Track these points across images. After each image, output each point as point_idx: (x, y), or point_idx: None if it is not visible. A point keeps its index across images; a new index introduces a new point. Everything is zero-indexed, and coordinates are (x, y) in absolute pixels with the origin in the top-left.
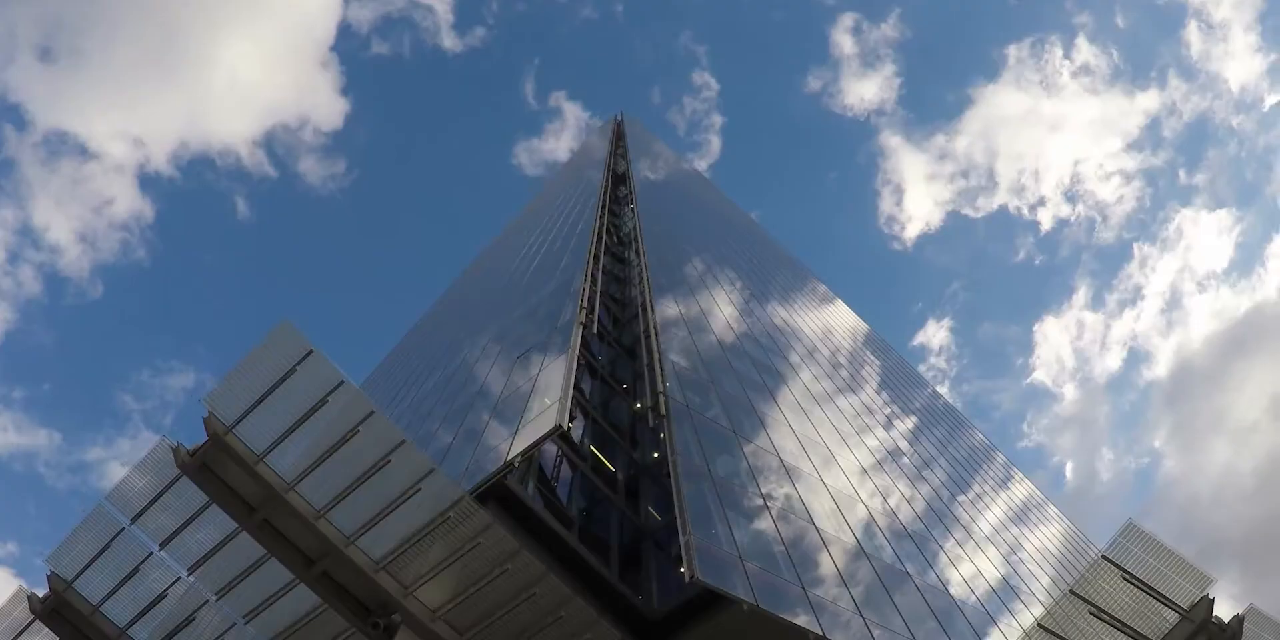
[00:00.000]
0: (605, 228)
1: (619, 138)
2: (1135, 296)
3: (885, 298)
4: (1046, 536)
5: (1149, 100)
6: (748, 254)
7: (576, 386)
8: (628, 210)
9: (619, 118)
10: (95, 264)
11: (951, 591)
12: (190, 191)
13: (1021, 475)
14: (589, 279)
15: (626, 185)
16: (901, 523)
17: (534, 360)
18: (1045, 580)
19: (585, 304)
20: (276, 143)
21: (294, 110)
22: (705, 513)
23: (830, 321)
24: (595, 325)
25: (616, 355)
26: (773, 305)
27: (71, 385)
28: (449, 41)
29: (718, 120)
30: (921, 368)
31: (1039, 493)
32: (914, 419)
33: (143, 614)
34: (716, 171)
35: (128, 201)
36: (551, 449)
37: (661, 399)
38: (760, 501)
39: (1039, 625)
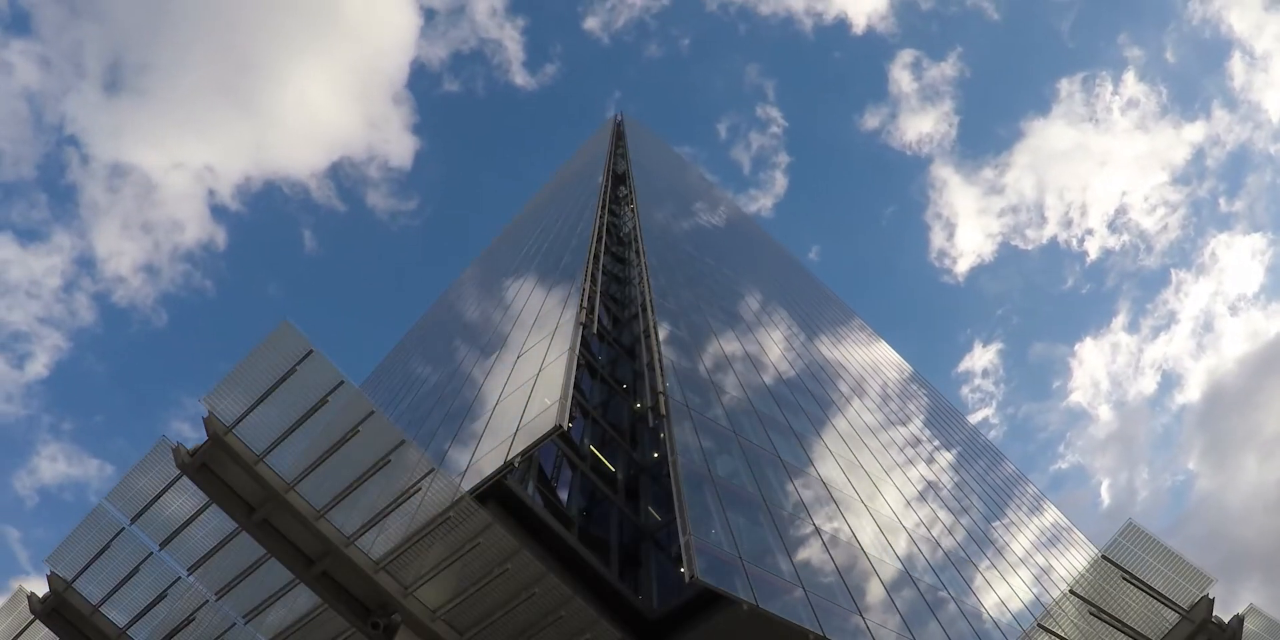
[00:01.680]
0: (605, 228)
1: (619, 138)
2: (1170, 320)
3: (934, 326)
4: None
5: (1194, 132)
6: (749, 254)
7: (576, 386)
8: (627, 210)
9: (619, 118)
10: (160, 294)
11: (953, 593)
12: (257, 223)
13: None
14: (589, 279)
15: (626, 185)
16: (905, 526)
17: (534, 360)
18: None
19: (585, 304)
20: (344, 177)
21: (363, 145)
22: (705, 513)
23: (831, 323)
24: (595, 325)
25: (616, 355)
26: (773, 304)
27: (129, 416)
28: (520, 79)
29: (783, 159)
30: (965, 389)
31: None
32: (918, 418)
33: (143, 614)
34: (781, 209)
35: (194, 231)
36: (551, 449)
37: (661, 399)
38: (761, 502)
39: (1039, 625)
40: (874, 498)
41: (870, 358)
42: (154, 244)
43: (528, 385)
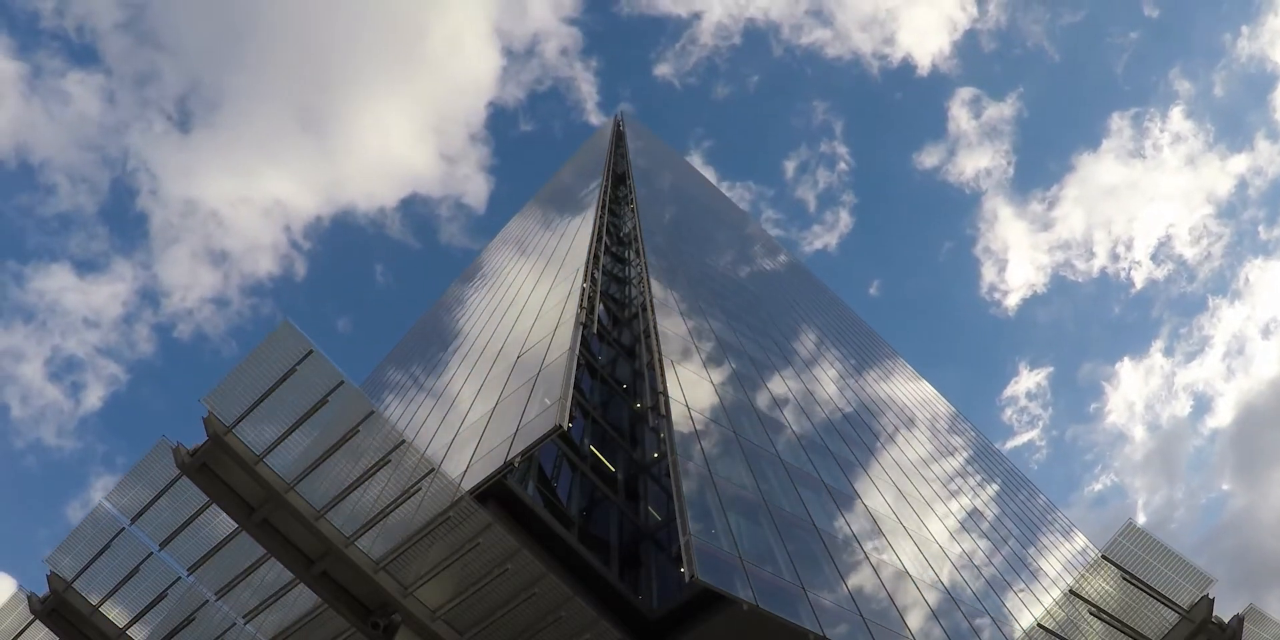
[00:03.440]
0: (605, 228)
1: (619, 138)
2: (1204, 345)
3: (983, 356)
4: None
5: (1238, 164)
6: (751, 255)
7: (576, 386)
8: (627, 210)
9: (619, 118)
10: (228, 326)
11: (952, 591)
12: (328, 257)
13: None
14: (589, 279)
15: (626, 185)
16: (907, 527)
17: (534, 359)
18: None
19: (585, 304)
20: (417, 214)
21: (438, 182)
22: (705, 513)
23: (834, 326)
24: (595, 325)
25: (616, 355)
26: (776, 305)
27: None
28: (595, 119)
29: (849, 198)
30: (1009, 412)
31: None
32: (919, 418)
33: (143, 614)
34: (845, 245)
35: (264, 264)
36: (551, 449)
37: (661, 399)
38: (761, 502)
39: (1039, 625)
40: (876, 498)
41: (871, 358)
42: (222, 276)
43: (528, 385)
